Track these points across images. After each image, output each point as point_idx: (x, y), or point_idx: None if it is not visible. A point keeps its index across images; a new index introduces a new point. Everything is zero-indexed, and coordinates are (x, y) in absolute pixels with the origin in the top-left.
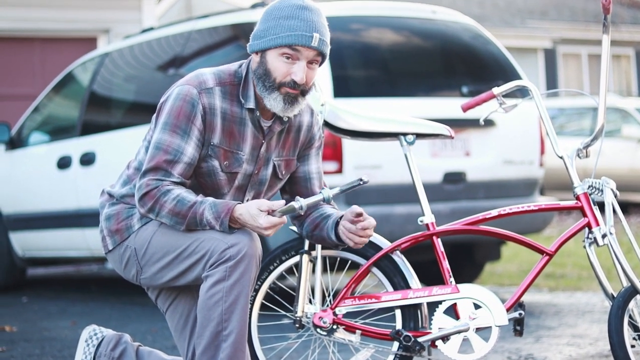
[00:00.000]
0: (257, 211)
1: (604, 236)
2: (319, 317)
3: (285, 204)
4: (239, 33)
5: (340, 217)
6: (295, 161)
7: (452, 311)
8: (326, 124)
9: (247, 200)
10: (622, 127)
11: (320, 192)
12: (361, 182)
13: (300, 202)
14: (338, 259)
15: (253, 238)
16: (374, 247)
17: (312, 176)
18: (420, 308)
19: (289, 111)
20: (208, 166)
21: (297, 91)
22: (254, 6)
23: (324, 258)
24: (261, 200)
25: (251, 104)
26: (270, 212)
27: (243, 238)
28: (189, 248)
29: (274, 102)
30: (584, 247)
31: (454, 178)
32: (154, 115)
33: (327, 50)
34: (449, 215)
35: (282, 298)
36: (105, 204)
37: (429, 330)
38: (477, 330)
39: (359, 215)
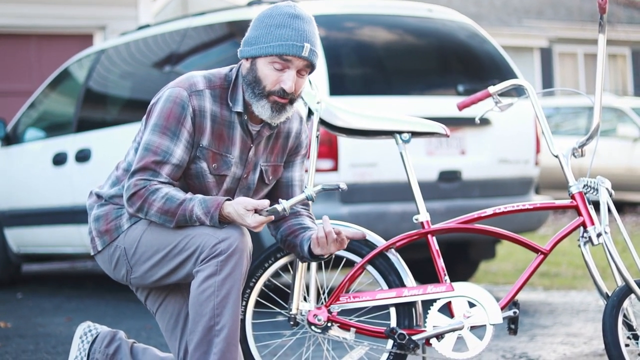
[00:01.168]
0: (244, 211)
1: (598, 235)
2: (314, 315)
3: (270, 205)
4: (235, 30)
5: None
6: (282, 167)
7: (447, 309)
8: (322, 121)
9: None
10: (618, 126)
11: (303, 192)
12: (339, 188)
13: (282, 205)
14: (333, 256)
15: (243, 232)
16: (368, 245)
17: (295, 183)
18: (414, 306)
19: (276, 118)
20: (196, 168)
21: (285, 100)
22: (250, 4)
23: None
24: (246, 200)
25: (239, 108)
26: (257, 211)
27: (233, 232)
28: (180, 245)
29: (261, 110)
30: (579, 246)
31: (449, 176)
32: (144, 116)
33: (317, 60)
34: (444, 214)
35: (277, 295)
36: (93, 205)
37: (423, 329)
38: (472, 328)
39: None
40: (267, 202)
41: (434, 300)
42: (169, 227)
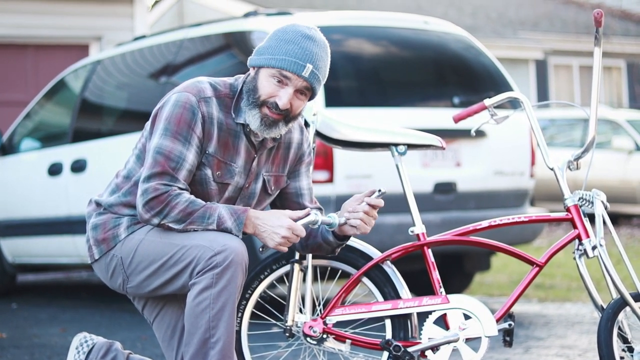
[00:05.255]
0: (281, 214)
1: (594, 248)
2: (309, 326)
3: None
4: (231, 42)
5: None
6: (284, 178)
7: (442, 321)
8: (318, 133)
9: None
10: (613, 138)
11: (329, 216)
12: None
13: (318, 216)
14: (329, 268)
15: (240, 245)
16: (364, 256)
17: (304, 192)
18: (410, 318)
19: (265, 132)
20: (201, 174)
21: (278, 116)
22: (246, 15)
23: (314, 267)
24: (284, 210)
25: (242, 120)
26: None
27: (230, 245)
28: (175, 256)
29: (252, 119)
30: (574, 258)
31: (444, 188)
32: (149, 122)
33: (318, 84)
34: (440, 226)
35: (273, 307)
36: (92, 213)
37: (418, 340)
38: (467, 340)
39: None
40: (305, 211)
41: (430, 312)
42: (178, 227)
